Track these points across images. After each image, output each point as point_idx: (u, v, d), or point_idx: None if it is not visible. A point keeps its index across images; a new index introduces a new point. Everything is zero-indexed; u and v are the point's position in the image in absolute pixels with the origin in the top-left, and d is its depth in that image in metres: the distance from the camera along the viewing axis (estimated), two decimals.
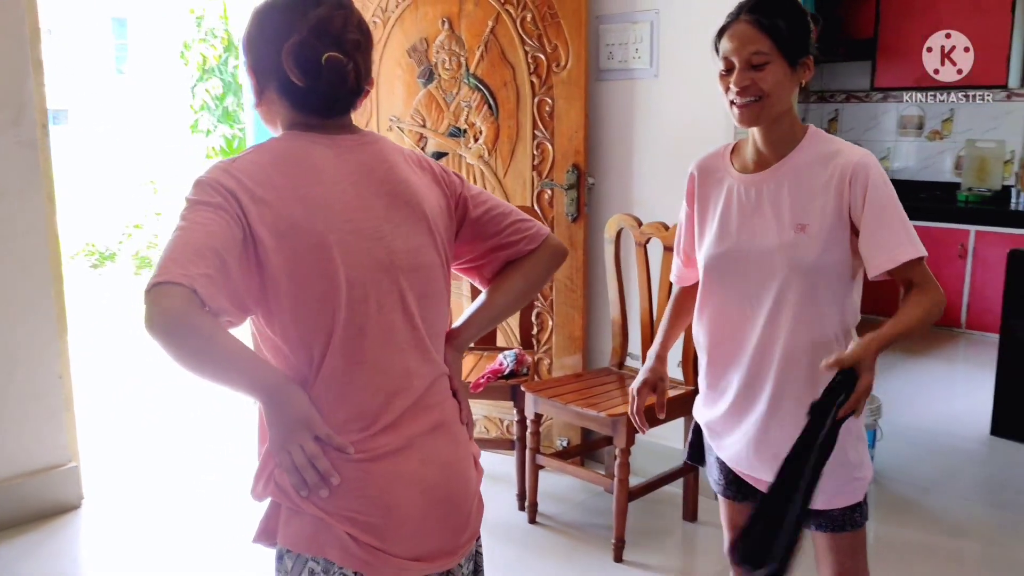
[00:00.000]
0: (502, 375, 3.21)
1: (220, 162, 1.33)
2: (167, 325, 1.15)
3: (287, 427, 1.27)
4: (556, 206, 3.53)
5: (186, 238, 1.21)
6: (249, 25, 1.41)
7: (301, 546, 1.31)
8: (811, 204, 1.71)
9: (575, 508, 3.34)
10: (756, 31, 1.66)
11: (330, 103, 1.39)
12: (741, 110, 1.70)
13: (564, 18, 3.37)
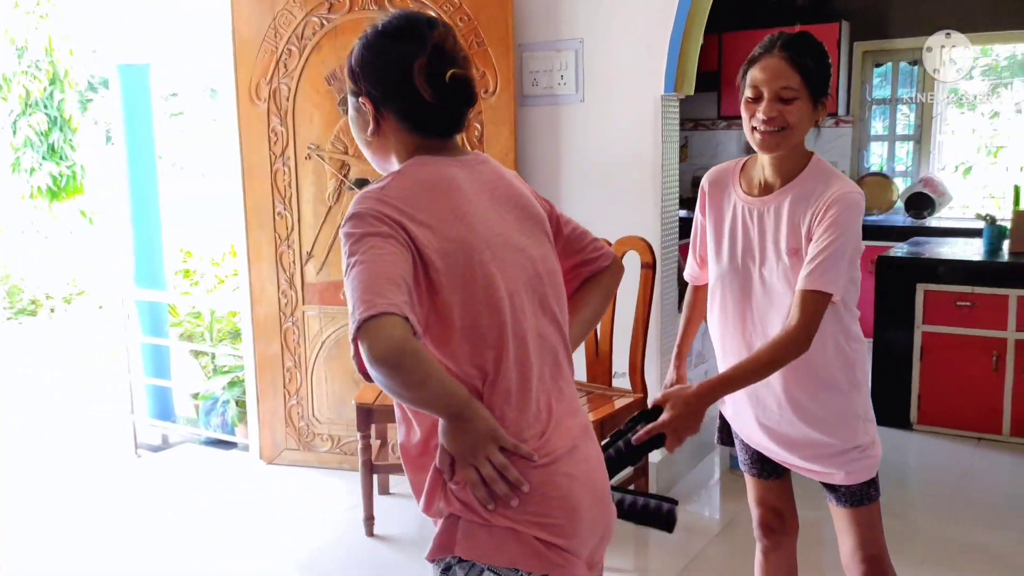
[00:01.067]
0: None
1: (367, 193, 1.34)
2: (395, 355, 1.17)
3: (474, 442, 1.29)
4: None
5: (375, 270, 1.23)
6: (362, 54, 1.43)
7: (488, 557, 1.32)
8: (800, 229, 1.86)
9: None
10: (789, 67, 1.81)
11: (454, 119, 1.44)
12: (764, 137, 1.84)
13: (491, 45, 3.48)
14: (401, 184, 1.36)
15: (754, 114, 1.85)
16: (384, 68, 1.40)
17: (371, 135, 1.44)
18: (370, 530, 3.30)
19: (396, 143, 1.44)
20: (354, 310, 1.20)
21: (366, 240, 1.27)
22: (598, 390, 3.34)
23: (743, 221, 1.93)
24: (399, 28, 1.43)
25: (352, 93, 1.46)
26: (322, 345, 3.91)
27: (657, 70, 3.33)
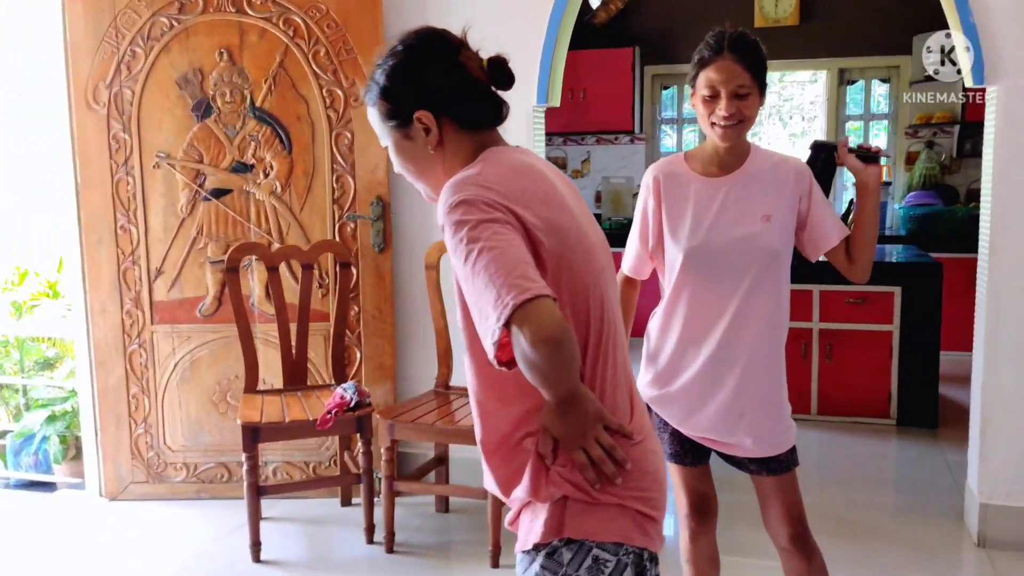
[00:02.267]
0: (348, 408, 3.15)
1: (464, 179, 1.33)
2: (560, 335, 1.18)
3: (583, 424, 1.31)
4: (360, 238, 3.56)
5: (511, 254, 1.23)
6: (403, 72, 1.42)
7: (596, 535, 1.33)
8: (772, 199, 2.09)
9: (415, 532, 3.37)
10: (740, 67, 2.01)
11: (502, 105, 1.46)
12: (726, 131, 2.03)
13: (361, 54, 3.44)
14: (493, 170, 1.36)
15: (713, 111, 2.03)
16: (436, 74, 1.42)
17: (435, 149, 1.43)
18: (256, 555, 3.13)
19: (456, 150, 1.43)
20: (502, 295, 1.19)
21: (485, 226, 1.26)
22: None
23: (708, 199, 2.09)
24: (424, 39, 1.45)
25: (397, 118, 1.43)
26: (175, 367, 3.64)
27: (529, 82, 3.45)
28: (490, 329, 1.21)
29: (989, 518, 3.12)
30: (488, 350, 1.24)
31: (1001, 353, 3.07)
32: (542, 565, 1.36)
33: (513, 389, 1.36)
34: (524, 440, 1.38)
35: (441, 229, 1.33)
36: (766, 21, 6.71)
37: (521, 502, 1.40)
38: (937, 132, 6.45)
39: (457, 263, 1.29)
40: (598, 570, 1.33)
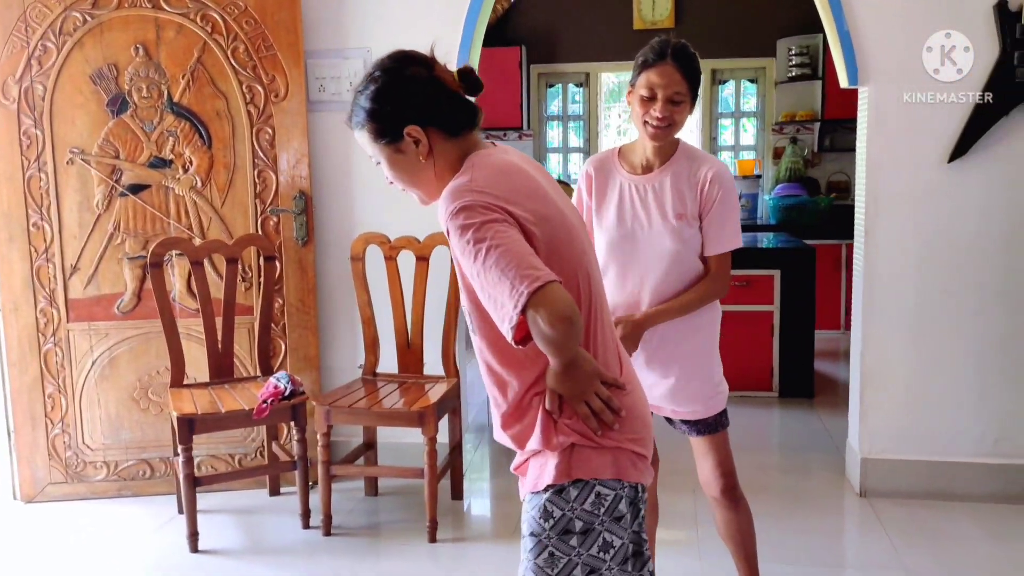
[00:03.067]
0: (283, 397, 3.23)
1: (458, 187, 1.50)
2: (573, 313, 1.37)
3: (584, 380, 1.51)
4: (284, 231, 3.63)
5: (516, 249, 1.42)
6: (387, 93, 1.56)
7: (599, 474, 1.53)
8: (685, 199, 2.31)
9: (348, 516, 3.48)
10: (680, 76, 2.21)
11: (477, 109, 1.64)
12: (656, 131, 2.24)
13: (281, 51, 3.52)
14: (482, 174, 1.53)
15: (648, 111, 2.23)
16: (417, 90, 1.58)
17: (426, 158, 1.59)
18: (194, 546, 3.17)
19: (444, 156, 1.60)
20: (517, 284, 1.37)
21: (488, 226, 1.44)
22: (411, 379, 3.54)
23: (631, 195, 2.31)
24: (400, 60, 1.61)
25: (387, 136, 1.58)
26: (93, 365, 3.61)
27: None
28: (507, 315, 1.40)
29: (869, 471, 3.51)
30: (506, 333, 1.43)
31: (877, 326, 3.47)
32: (548, 500, 1.55)
33: (523, 359, 1.56)
34: (533, 399, 1.58)
35: (445, 233, 1.51)
36: (644, 23, 7.09)
37: (532, 451, 1.59)
38: (800, 129, 6.99)
39: (466, 262, 1.47)
40: (599, 503, 1.54)
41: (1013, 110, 3.27)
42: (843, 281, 6.47)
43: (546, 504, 1.56)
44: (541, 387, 1.57)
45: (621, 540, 1.55)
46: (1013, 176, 3.31)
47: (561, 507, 1.55)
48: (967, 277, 3.38)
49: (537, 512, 1.57)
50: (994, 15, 3.24)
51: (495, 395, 1.62)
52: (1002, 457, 3.44)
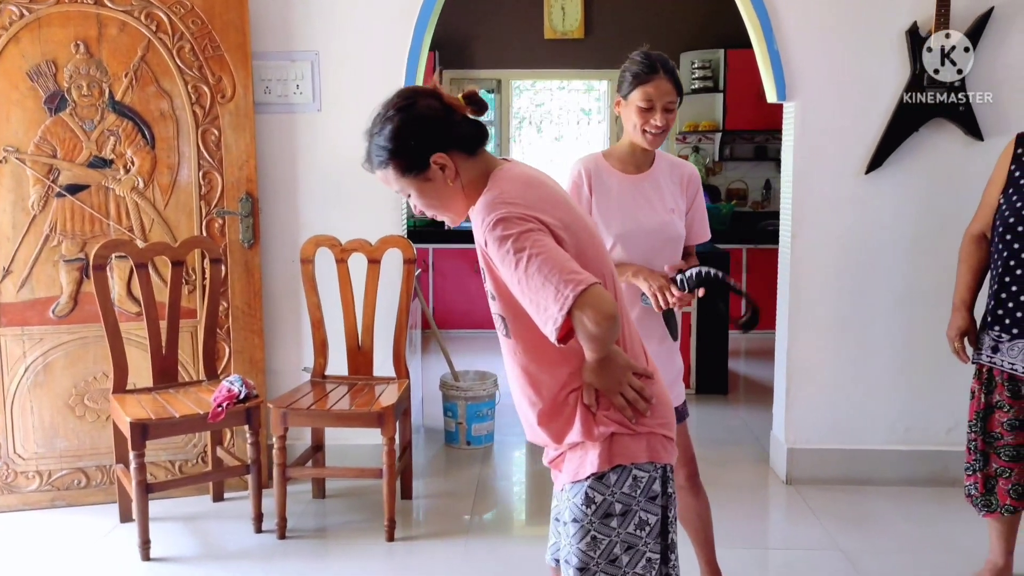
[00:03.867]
0: (238, 400, 3.21)
1: (491, 200, 1.60)
2: (616, 311, 1.49)
3: (619, 373, 1.63)
4: (229, 233, 3.59)
5: (557, 255, 1.53)
6: (407, 129, 1.66)
7: (636, 458, 1.65)
8: (675, 195, 2.51)
9: (299, 518, 3.48)
10: (671, 86, 2.39)
11: (485, 127, 1.76)
12: (654, 137, 2.41)
13: (228, 51, 3.48)
14: (510, 187, 1.64)
15: (647, 120, 2.39)
16: (436, 120, 1.68)
17: (453, 181, 1.69)
18: (146, 554, 3.11)
19: (469, 175, 1.70)
20: (562, 289, 1.47)
21: (525, 236, 1.54)
22: (362, 381, 3.57)
23: (630, 192, 2.46)
24: (410, 97, 1.72)
25: (414, 169, 1.68)
26: (25, 371, 3.48)
27: (396, 84, 3.66)
28: (552, 317, 1.51)
29: (794, 460, 3.77)
30: (550, 333, 1.53)
31: (801, 323, 3.73)
32: (591, 486, 1.67)
33: (558, 358, 1.67)
34: (569, 396, 1.69)
35: (483, 244, 1.61)
36: (555, 34, 7.29)
37: (571, 445, 1.70)
38: (702, 139, 7.34)
39: (507, 271, 1.57)
40: (636, 485, 1.67)
41: (922, 127, 3.58)
42: (743, 284, 6.84)
43: (588, 491, 1.67)
44: (575, 384, 1.68)
45: (656, 516, 1.68)
46: (922, 187, 3.63)
47: (602, 492, 1.66)
48: (881, 279, 3.68)
49: (580, 499, 1.68)
50: (906, 39, 3.55)
51: (529, 395, 1.72)
52: (912, 444, 3.76)
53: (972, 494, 2.83)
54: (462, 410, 4.25)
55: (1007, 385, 2.68)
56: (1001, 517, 2.80)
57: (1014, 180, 2.66)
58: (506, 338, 1.72)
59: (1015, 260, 2.60)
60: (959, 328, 2.79)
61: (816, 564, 3.09)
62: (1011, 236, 2.61)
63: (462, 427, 4.26)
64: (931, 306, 3.64)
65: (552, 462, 1.81)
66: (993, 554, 2.90)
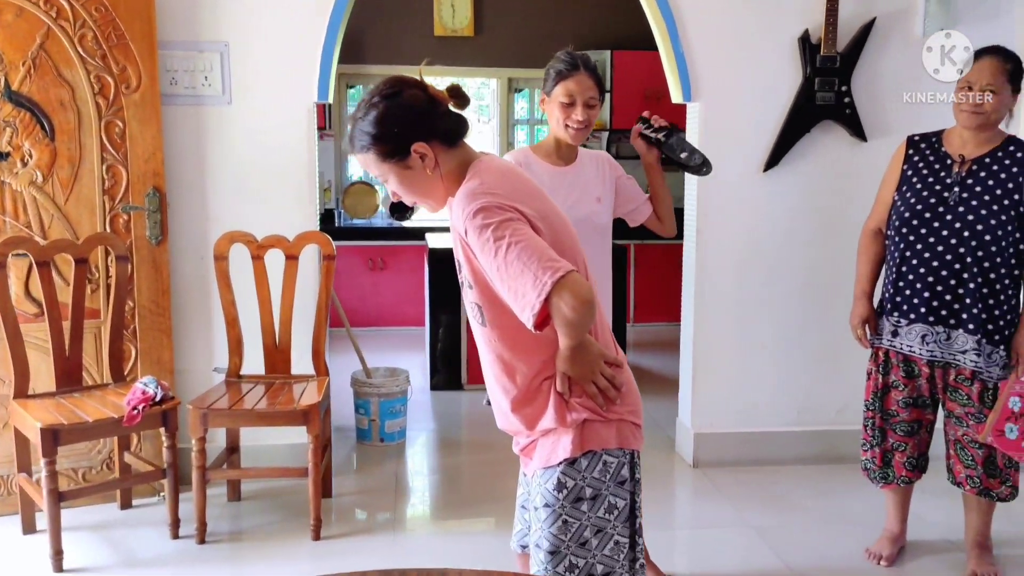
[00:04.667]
0: (154, 402, 3.10)
1: (471, 189, 1.65)
2: (592, 297, 1.55)
3: (592, 361, 1.69)
4: (135, 230, 3.46)
5: (534, 244, 1.58)
6: (392, 116, 1.70)
7: (607, 444, 1.72)
8: (600, 185, 2.62)
9: (217, 522, 3.39)
10: (593, 83, 2.49)
11: (466, 120, 1.80)
12: (577, 132, 2.51)
13: (134, 40, 3.35)
14: (489, 178, 1.69)
15: (569, 115, 2.48)
16: (420, 111, 1.72)
17: (432, 171, 1.73)
18: (59, 565, 2.96)
19: (448, 166, 1.75)
20: (540, 275, 1.53)
21: (507, 225, 1.60)
22: (280, 379, 3.52)
23: (561, 184, 2.54)
24: (395, 85, 1.74)
25: (396, 155, 1.71)
26: None
27: (310, 78, 3.62)
28: (530, 303, 1.56)
29: (700, 444, 3.96)
30: (527, 319, 1.58)
31: (706, 315, 3.91)
32: (563, 472, 1.73)
33: (533, 346, 1.72)
34: (543, 384, 1.75)
35: (464, 233, 1.65)
36: (445, 31, 7.31)
37: (543, 431, 1.75)
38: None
39: (487, 258, 1.61)
40: (605, 470, 1.73)
41: (813, 128, 3.83)
42: (631, 279, 7.10)
43: (560, 476, 1.73)
44: (549, 372, 1.74)
45: (625, 501, 1.76)
46: (814, 185, 3.88)
47: (573, 477, 1.72)
48: (778, 271, 3.92)
49: (552, 484, 1.73)
50: (798, 45, 3.78)
51: (504, 383, 1.77)
52: (805, 425, 4.01)
53: (870, 468, 3.06)
54: (375, 407, 4.23)
55: (902, 367, 2.91)
56: (897, 488, 3.04)
57: (907, 179, 2.90)
58: (481, 326, 1.76)
59: (911, 252, 2.83)
60: (861, 316, 3.01)
61: (729, 541, 3.27)
62: (907, 230, 2.84)
63: (375, 424, 4.25)
64: (823, 297, 3.91)
65: (523, 450, 1.86)
66: (889, 523, 3.14)
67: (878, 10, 3.79)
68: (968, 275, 2.74)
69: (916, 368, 2.89)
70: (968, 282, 2.74)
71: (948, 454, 2.95)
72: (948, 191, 2.79)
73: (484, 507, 3.57)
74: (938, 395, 2.90)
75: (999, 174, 2.76)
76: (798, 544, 3.23)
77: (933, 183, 2.83)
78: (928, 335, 2.82)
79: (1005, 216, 2.73)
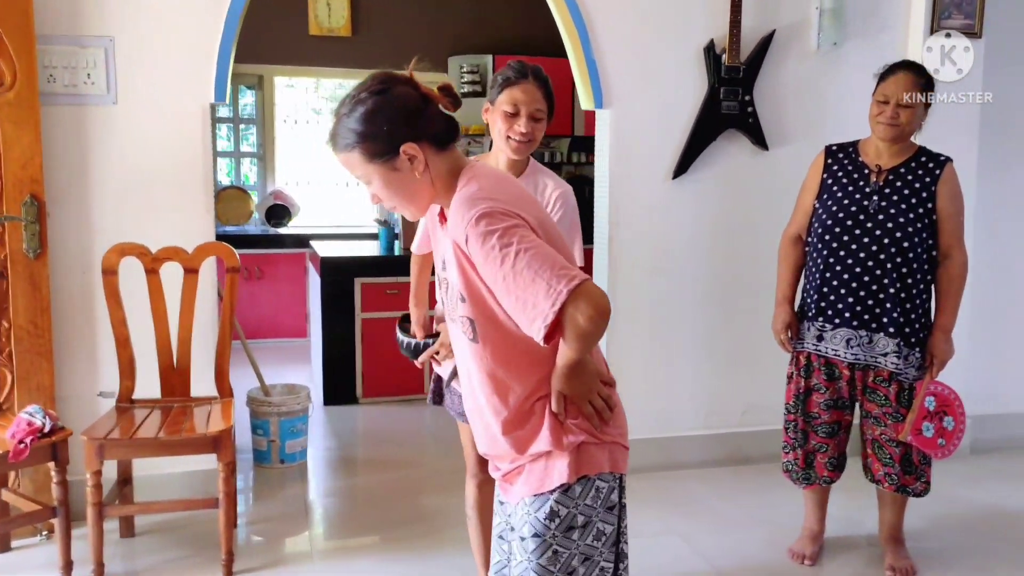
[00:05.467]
0: (42, 434, 2.79)
1: (471, 195, 1.55)
2: (608, 307, 1.47)
3: (589, 380, 1.62)
4: (10, 243, 3.11)
5: (544, 251, 1.49)
6: (382, 114, 1.58)
7: (600, 468, 1.63)
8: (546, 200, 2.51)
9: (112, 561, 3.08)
10: (540, 94, 2.36)
11: (457, 123, 1.69)
12: (519, 145, 2.37)
13: (7, 33, 3.01)
14: (487, 183, 1.59)
15: (511, 126, 2.35)
16: (411, 109, 1.60)
17: (421, 174, 1.60)
18: None
19: (438, 169, 1.63)
20: (554, 284, 1.44)
21: (513, 231, 1.50)
22: (178, 403, 3.25)
23: None
24: (386, 82, 1.62)
25: (383, 156, 1.59)
26: None
27: (206, 78, 3.36)
28: (542, 313, 1.47)
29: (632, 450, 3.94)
30: (537, 331, 1.48)
31: (619, 322, 3.90)
32: (556, 500, 1.63)
33: (527, 365, 1.62)
34: (535, 405, 1.64)
35: (464, 241, 1.54)
36: (320, 30, 7.06)
37: (534, 455, 1.65)
38: (471, 142, 7.44)
39: (491, 267, 1.51)
40: (597, 496, 1.66)
41: (719, 136, 3.90)
42: None
43: (552, 505, 1.63)
44: (543, 392, 1.64)
45: (612, 527, 1.68)
46: (719, 192, 3.95)
47: (567, 505, 1.64)
48: (686, 278, 3.96)
49: (543, 514, 1.64)
50: (704, 55, 3.84)
51: (494, 403, 1.66)
52: (711, 428, 4.08)
53: (792, 469, 3.12)
54: (275, 427, 4.00)
55: (824, 370, 2.99)
56: (819, 488, 3.12)
57: (827, 187, 2.98)
58: (472, 343, 1.64)
59: (835, 258, 2.91)
60: (784, 321, 3.06)
61: (657, 549, 3.26)
62: (829, 237, 2.92)
63: (275, 445, 4.01)
64: (729, 301, 3.99)
65: (505, 476, 1.75)
66: (809, 522, 3.22)
67: (777, 23, 3.89)
68: (888, 280, 2.84)
69: (837, 371, 2.97)
70: (888, 287, 2.84)
71: (865, 453, 3.05)
72: (867, 199, 2.88)
73: (403, 529, 3.42)
74: (857, 396, 2.99)
75: (913, 183, 2.87)
76: (722, 548, 3.26)
77: (853, 191, 2.92)
78: (852, 339, 2.90)
79: (920, 224, 2.84)
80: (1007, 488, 3.88)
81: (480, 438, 1.76)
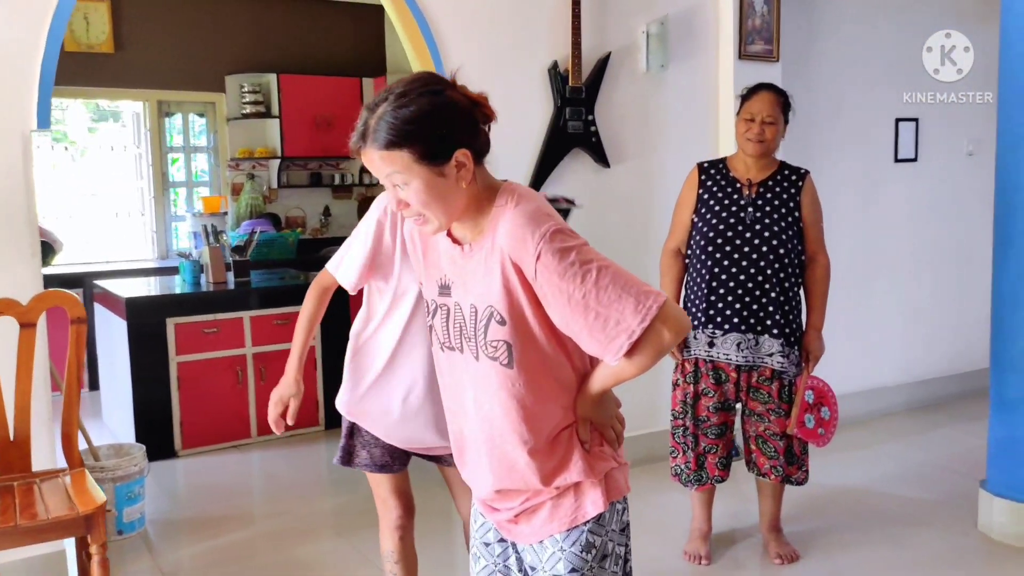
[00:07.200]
0: None
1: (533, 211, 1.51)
2: (689, 324, 1.51)
3: (612, 405, 1.64)
4: None
5: (622, 269, 1.49)
6: (440, 115, 1.48)
7: (625, 492, 1.64)
8: None
9: None
10: None
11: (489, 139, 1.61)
12: None
13: None
14: (542, 203, 1.55)
15: None
16: (463, 115, 1.51)
17: (468, 184, 1.52)
18: None
19: (480, 184, 1.56)
20: (643, 300, 1.44)
21: (587, 249, 1.49)
22: (18, 480, 2.76)
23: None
24: (436, 82, 1.53)
25: (436, 159, 1.48)
26: None
27: (25, 102, 2.90)
28: (627, 329, 1.45)
29: None
30: (621, 347, 1.46)
31: None
32: (591, 531, 1.60)
33: (555, 393, 1.58)
34: (562, 433, 1.59)
35: (536, 258, 1.47)
36: (79, 46, 6.38)
37: (562, 488, 1.59)
38: (256, 165, 7.05)
39: (570, 283, 1.46)
40: (619, 520, 1.65)
41: (566, 155, 3.98)
42: None
43: (588, 536, 1.61)
44: (568, 421, 1.61)
45: (624, 547, 1.69)
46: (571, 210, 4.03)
47: (600, 534, 1.62)
48: None
49: (579, 547, 1.61)
50: (548, 76, 3.90)
51: (521, 432, 1.58)
52: None
53: (682, 472, 3.24)
54: (110, 495, 3.51)
55: (711, 374, 3.14)
56: (709, 488, 3.26)
57: (704, 202, 3.13)
58: (506, 368, 1.55)
59: (719, 268, 3.06)
60: None
61: None
62: (712, 248, 3.07)
63: (111, 515, 3.52)
64: None
65: (518, 515, 1.65)
66: (698, 522, 3.35)
67: (611, 45, 4.04)
68: (769, 285, 3.04)
69: (724, 374, 3.13)
70: (770, 291, 3.04)
71: (749, 448, 3.23)
72: (743, 211, 3.07)
73: None
74: (741, 397, 3.17)
75: (781, 195, 3.10)
76: None
77: (729, 204, 3.09)
78: (742, 342, 3.06)
79: (791, 231, 3.07)
80: (843, 465, 4.24)
81: (484, 476, 1.65)
